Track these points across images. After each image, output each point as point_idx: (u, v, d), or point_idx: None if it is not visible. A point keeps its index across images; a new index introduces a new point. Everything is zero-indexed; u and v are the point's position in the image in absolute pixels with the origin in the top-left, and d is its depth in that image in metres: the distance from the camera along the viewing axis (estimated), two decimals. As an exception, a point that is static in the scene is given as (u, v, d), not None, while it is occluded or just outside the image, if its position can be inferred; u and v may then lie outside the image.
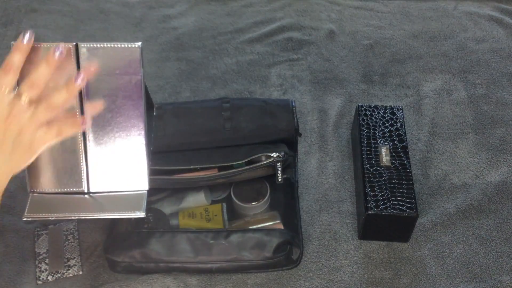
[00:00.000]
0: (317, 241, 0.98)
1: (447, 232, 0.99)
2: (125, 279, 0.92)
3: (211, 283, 0.92)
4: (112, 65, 0.72)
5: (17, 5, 1.45)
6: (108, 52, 0.72)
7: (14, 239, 0.98)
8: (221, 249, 0.89)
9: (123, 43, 0.72)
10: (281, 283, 0.92)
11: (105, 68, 0.72)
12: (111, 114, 0.74)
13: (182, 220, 0.96)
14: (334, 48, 1.34)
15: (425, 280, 0.93)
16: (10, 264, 0.95)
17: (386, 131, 1.03)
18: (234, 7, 1.46)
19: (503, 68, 1.28)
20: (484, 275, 0.93)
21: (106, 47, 0.72)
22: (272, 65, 1.29)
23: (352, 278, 0.93)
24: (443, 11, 1.44)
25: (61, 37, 1.36)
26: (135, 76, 0.73)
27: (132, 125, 0.75)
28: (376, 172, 0.96)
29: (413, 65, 1.29)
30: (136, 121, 0.75)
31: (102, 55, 0.72)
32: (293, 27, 1.39)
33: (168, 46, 1.35)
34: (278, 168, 0.89)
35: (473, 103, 1.21)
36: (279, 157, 0.90)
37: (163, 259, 0.89)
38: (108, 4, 1.46)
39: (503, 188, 1.05)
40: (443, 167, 1.09)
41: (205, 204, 0.99)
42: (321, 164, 1.09)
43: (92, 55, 0.72)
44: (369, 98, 1.22)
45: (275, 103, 1.00)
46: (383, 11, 1.44)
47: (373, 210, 0.91)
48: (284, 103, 1.00)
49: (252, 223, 0.95)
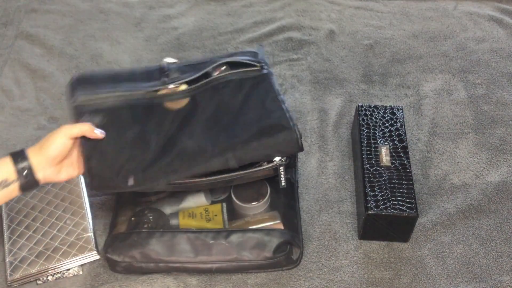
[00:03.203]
0: (317, 241, 0.98)
1: (447, 232, 0.99)
2: (125, 279, 0.92)
3: (211, 283, 0.92)
4: None
5: (17, 5, 1.45)
6: None
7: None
8: (221, 249, 0.89)
9: None
10: (281, 283, 0.92)
11: None
12: None
13: (182, 220, 0.96)
14: (334, 48, 1.34)
15: (425, 280, 0.93)
16: (10, 264, 0.95)
17: (386, 131, 1.03)
18: (234, 7, 1.46)
19: (503, 68, 1.28)
20: (484, 275, 0.93)
21: None
22: (272, 65, 1.29)
23: (352, 278, 0.93)
24: (443, 11, 1.44)
25: (61, 37, 1.36)
26: None
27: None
28: (376, 172, 0.96)
29: (413, 65, 1.29)
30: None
31: None
32: (293, 27, 1.39)
33: (168, 46, 1.35)
34: (281, 172, 0.87)
35: (473, 103, 1.21)
36: (281, 161, 0.86)
37: (163, 259, 0.89)
38: (108, 4, 1.46)
39: (503, 188, 1.05)
40: (443, 167, 1.09)
41: (205, 204, 0.99)
42: (321, 164, 1.09)
43: None
44: (369, 98, 1.22)
45: (270, 123, 0.86)
46: (383, 11, 1.44)
47: (373, 210, 0.91)
48: (281, 120, 0.86)
49: (252, 223, 0.95)
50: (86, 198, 1.01)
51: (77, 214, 0.99)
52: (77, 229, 0.97)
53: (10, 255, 0.93)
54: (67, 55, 1.32)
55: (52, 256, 0.93)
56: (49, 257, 0.93)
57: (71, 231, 0.96)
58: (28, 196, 1.01)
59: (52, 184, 1.03)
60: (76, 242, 0.95)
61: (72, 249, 0.94)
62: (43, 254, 0.93)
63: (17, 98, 1.22)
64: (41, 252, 0.94)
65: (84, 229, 0.97)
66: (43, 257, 0.93)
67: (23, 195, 1.01)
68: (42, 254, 0.93)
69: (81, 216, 0.98)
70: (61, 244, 0.95)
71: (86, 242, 0.95)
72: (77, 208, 0.99)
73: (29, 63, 1.29)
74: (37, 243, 0.95)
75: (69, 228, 0.97)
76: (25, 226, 0.97)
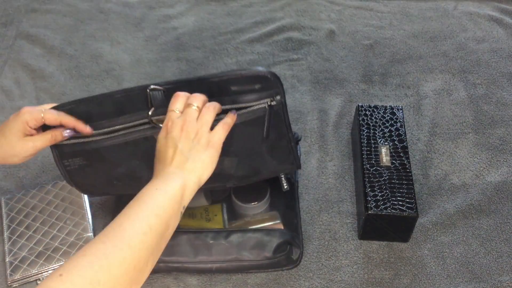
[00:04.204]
0: (317, 241, 0.98)
1: (447, 232, 0.99)
2: (125, 279, 0.92)
3: (211, 283, 0.92)
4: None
5: (17, 5, 1.45)
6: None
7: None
8: (221, 249, 0.89)
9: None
10: (281, 283, 0.92)
11: None
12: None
13: (182, 220, 0.96)
14: (334, 48, 1.34)
15: (425, 280, 0.93)
16: (10, 264, 0.95)
17: (386, 131, 1.03)
18: (234, 7, 1.46)
19: (503, 68, 1.28)
20: (484, 275, 0.93)
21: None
22: (272, 65, 1.29)
23: (352, 278, 0.93)
24: (443, 11, 1.44)
25: (61, 37, 1.36)
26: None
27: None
28: (376, 172, 0.96)
29: (413, 65, 1.29)
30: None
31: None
32: (293, 27, 1.39)
33: (168, 46, 1.35)
34: (281, 176, 0.86)
35: (473, 103, 1.21)
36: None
37: (163, 259, 0.89)
38: (108, 4, 1.46)
39: (503, 188, 1.05)
40: (443, 167, 1.09)
41: (205, 204, 0.99)
42: (321, 164, 1.09)
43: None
44: (369, 98, 1.22)
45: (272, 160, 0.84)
46: (383, 11, 1.44)
47: (373, 210, 0.91)
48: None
49: (252, 223, 0.95)
50: (86, 198, 1.01)
51: (77, 214, 0.99)
52: (77, 229, 0.97)
53: (10, 255, 0.93)
54: (67, 55, 1.32)
55: (52, 256, 0.93)
56: (49, 257, 0.93)
57: (71, 231, 0.96)
58: (28, 196, 1.01)
59: (52, 184, 1.03)
60: (76, 242, 0.95)
61: (72, 249, 0.94)
62: (43, 254, 0.93)
63: (17, 98, 1.22)
64: (41, 252, 0.94)
65: (84, 229, 0.97)
66: (43, 257, 0.93)
67: (23, 195, 1.01)
68: (42, 254, 0.93)
69: (81, 216, 0.98)
70: (61, 244, 0.95)
71: (86, 242, 0.95)
72: (77, 208, 0.99)
73: (29, 63, 1.29)
74: (37, 243, 0.95)
75: (69, 228, 0.97)
76: (25, 226, 0.97)
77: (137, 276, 0.60)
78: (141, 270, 0.60)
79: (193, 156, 0.71)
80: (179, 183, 0.68)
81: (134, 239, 0.60)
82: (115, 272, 0.57)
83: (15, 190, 1.04)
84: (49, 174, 1.07)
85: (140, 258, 0.59)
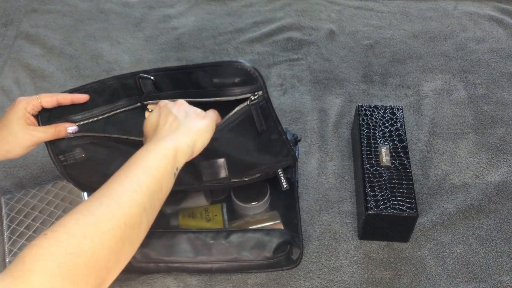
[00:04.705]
0: (317, 241, 0.98)
1: (447, 232, 0.99)
2: (125, 279, 0.92)
3: (211, 283, 0.92)
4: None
5: (17, 5, 1.45)
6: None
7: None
8: (221, 249, 0.89)
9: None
10: (281, 283, 0.92)
11: None
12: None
13: (182, 220, 0.96)
14: (334, 48, 1.34)
15: (425, 280, 0.93)
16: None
17: (386, 131, 1.03)
18: (234, 7, 1.46)
19: (503, 68, 1.28)
20: (484, 275, 0.93)
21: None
22: (272, 65, 1.29)
23: (352, 278, 0.93)
24: (443, 11, 1.44)
25: (61, 37, 1.36)
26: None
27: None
28: (376, 172, 0.96)
29: (413, 65, 1.29)
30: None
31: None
32: (293, 27, 1.39)
33: (168, 46, 1.35)
34: (280, 174, 0.87)
35: (473, 103, 1.21)
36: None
37: (163, 259, 0.89)
38: (108, 4, 1.46)
39: (503, 188, 1.05)
40: (443, 167, 1.09)
41: (205, 204, 0.99)
42: (321, 164, 1.09)
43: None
44: (369, 98, 1.22)
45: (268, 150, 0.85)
46: (383, 11, 1.44)
47: (373, 210, 0.91)
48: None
49: (252, 223, 0.95)
50: (86, 198, 1.01)
51: (77, 214, 0.99)
52: (77, 229, 0.97)
53: (10, 255, 0.93)
54: (67, 55, 1.32)
55: (52, 256, 0.93)
56: (49, 257, 0.93)
57: (71, 231, 0.96)
58: (28, 196, 1.01)
59: (52, 184, 1.03)
60: (76, 242, 0.95)
61: (72, 249, 0.94)
62: (43, 254, 0.93)
63: (17, 98, 1.22)
64: (41, 252, 0.94)
65: (84, 229, 0.97)
66: (43, 257, 0.93)
67: (23, 195, 1.01)
68: (42, 254, 0.93)
69: (81, 216, 0.98)
70: (61, 244, 0.95)
71: (86, 242, 0.95)
72: (77, 208, 0.99)
73: (29, 63, 1.29)
74: (37, 243, 0.95)
75: (69, 228, 0.97)
76: (25, 226, 0.97)
77: (130, 232, 0.59)
78: (133, 227, 0.59)
79: (187, 122, 0.73)
80: (171, 144, 0.68)
81: (124, 197, 0.60)
82: (102, 227, 0.56)
83: (15, 190, 1.04)
84: (49, 174, 1.07)
85: (131, 215, 0.59)
